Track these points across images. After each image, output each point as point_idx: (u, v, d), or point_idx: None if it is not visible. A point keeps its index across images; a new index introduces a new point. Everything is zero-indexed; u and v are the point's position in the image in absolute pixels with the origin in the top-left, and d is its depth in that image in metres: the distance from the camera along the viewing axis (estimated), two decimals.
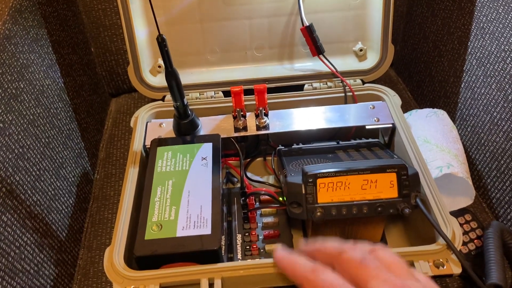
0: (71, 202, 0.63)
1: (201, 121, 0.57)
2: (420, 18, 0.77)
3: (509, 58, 0.56)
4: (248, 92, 0.57)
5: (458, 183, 0.57)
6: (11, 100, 0.52)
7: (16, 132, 0.52)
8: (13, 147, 0.51)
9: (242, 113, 0.57)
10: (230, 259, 0.49)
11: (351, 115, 0.58)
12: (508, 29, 0.56)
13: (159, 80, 0.64)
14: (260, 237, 0.52)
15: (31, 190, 0.53)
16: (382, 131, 0.60)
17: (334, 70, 0.62)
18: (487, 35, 0.60)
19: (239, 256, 0.50)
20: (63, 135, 0.64)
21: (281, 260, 0.38)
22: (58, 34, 0.67)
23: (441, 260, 0.42)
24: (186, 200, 0.47)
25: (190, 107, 0.55)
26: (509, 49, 0.56)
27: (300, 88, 0.63)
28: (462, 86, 0.67)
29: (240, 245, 0.51)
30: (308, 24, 0.61)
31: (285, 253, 0.39)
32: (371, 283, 0.32)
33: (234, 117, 0.57)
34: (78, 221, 0.65)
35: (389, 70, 0.87)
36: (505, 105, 0.58)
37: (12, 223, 0.48)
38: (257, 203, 0.55)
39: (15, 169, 0.51)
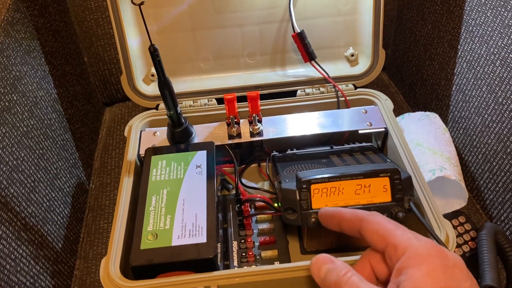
0: (67, 212, 0.63)
1: (195, 129, 0.57)
2: (411, 22, 0.78)
3: (498, 61, 0.57)
4: (241, 99, 0.58)
5: (451, 185, 0.58)
6: (4, 113, 0.52)
7: (10, 145, 0.52)
8: (7, 159, 0.51)
9: (235, 120, 0.57)
10: (226, 267, 0.49)
11: (344, 120, 0.58)
12: (496, 32, 0.57)
13: (153, 89, 0.64)
14: (256, 244, 0.52)
15: (26, 202, 0.53)
16: (375, 135, 0.60)
17: (326, 75, 0.63)
18: (476, 38, 0.61)
19: (235, 263, 0.50)
20: (58, 145, 0.64)
21: (336, 210, 0.41)
22: (51, 45, 0.68)
23: None
24: (181, 209, 0.47)
25: (184, 115, 0.55)
26: (498, 52, 0.57)
27: (292, 94, 0.64)
28: (453, 89, 0.68)
29: (236, 252, 0.51)
30: (299, 31, 0.61)
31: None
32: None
33: (228, 124, 0.57)
34: (74, 231, 0.64)
35: (381, 74, 0.88)
36: (495, 107, 0.58)
37: (8, 235, 0.48)
38: (252, 210, 0.55)
39: (10, 181, 0.51)
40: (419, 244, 0.33)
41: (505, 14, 0.55)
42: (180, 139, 0.55)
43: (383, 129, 0.57)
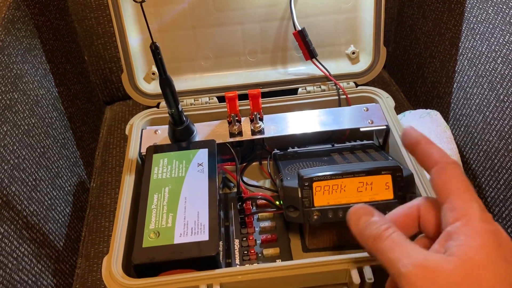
0: (68, 211, 0.63)
1: (196, 127, 0.57)
2: (411, 20, 0.78)
3: (499, 58, 0.57)
4: (242, 97, 0.58)
5: None
6: (6, 111, 0.52)
7: (11, 143, 0.52)
8: (8, 158, 0.51)
9: (237, 118, 0.57)
10: (228, 265, 0.49)
11: (345, 118, 0.58)
12: (498, 29, 0.57)
13: (154, 87, 0.64)
14: (258, 242, 0.52)
15: (27, 200, 0.53)
16: (376, 133, 0.60)
17: (327, 73, 0.63)
18: (478, 36, 0.61)
19: (237, 261, 0.50)
20: (59, 144, 0.64)
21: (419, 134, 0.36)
22: (51, 44, 0.67)
23: None
24: (183, 207, 0.47)
25: (185, 113, 0.55)
26: (499, 49, 0.57)
27: (294, 92, 0.64)
28: (454, 86, 0.68)
29: (238, 250, 0.51)
30: (300, 29, 0.61)
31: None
32: None
33: (229, 122, 0.57)
34: (75, 230, 0.64)
35: (382, 71, 0.88)
36: (497, 104, 0.58)
37: (9, 234, 0.48)
38: (254, 208, 0.55)
39: (11, 180, 0.51)
40: (479, 216, 0.31)
41: (507, 11, 0.55)
42: (181, 137, 0.55)
43: (385, 127, 0.57)
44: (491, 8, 0.58)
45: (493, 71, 0.58)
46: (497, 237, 0.30)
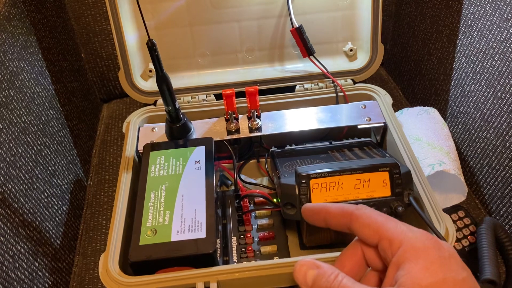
0: (65, 209, 0.63)
1: (194, 124, 0.57)
2: (409, 17, 0.78)
3: (497, 55, 0.57)
4: (240, 94, 0.57)
5: (450, 180, 0.58)
6: (1, 108, 0.52)
7: (7, 141, 0.52)
8: (5, 155, 0.51)
9: (234, 115, 0.57)
10: (226, 262, 0.49)
11: (343, 115, 0.58)
12: (495, 26, 0.57)
13: (151, 85, 0.64)
14: (255, 239, 0.52)
15: (24, 198, 0.53)
16: (374, 130, 0.60)
17: (325, 70, 0.63)
18: (475, 33, 0.61)
19: (235, 258, 0.50)
20: (55, 142, 0.64)
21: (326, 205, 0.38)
22: (48, 41, 0.67)
23: None
24: (180, 204, 0.47)
25: (182, 111, 0.55)
26: (497, 46, 0.57)
27: (291, 89, 0.64)
28: (452, 83, 0.68)
29: (235, 247, 0.51)
30: (298, 26, 0.61)
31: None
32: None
33: (227, 120, 0.57)
34: (72, 228, 0.64)
35: (380, 69, 0.87)
36: (494, 101, 0.58)
37: (6, 232, 0.48)
38: (252, 205, 0.55)
39: (7, 177, 0.51)
40: (414, 236, 0.32)
41: (504, 7, 0.55)
42: (178, 134, 0.55)
43: (382, 124, 0.57)
44: (489, 5, 0.58)
45: (491, 68, 0.58)
46: (438, 250, 0.31)
